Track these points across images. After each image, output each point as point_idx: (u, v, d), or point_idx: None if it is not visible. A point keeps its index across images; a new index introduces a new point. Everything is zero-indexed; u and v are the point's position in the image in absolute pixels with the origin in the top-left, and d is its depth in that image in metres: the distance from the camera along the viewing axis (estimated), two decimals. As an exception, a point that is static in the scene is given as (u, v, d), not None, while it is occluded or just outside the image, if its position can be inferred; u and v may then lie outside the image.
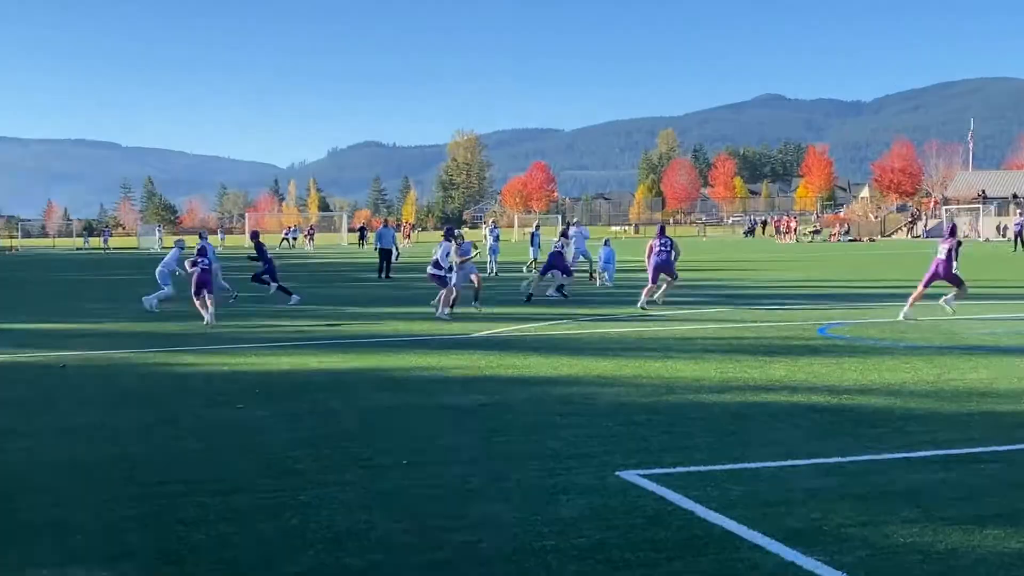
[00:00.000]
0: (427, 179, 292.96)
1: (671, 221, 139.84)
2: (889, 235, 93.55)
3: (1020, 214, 59.93)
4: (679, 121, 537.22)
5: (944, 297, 19.17)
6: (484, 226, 59.48)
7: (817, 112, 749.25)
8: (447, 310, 19.55)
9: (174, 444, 9.03)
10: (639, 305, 21.02)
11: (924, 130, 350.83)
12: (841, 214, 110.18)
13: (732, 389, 11.34)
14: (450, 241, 20.56)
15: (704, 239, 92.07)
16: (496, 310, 21.31)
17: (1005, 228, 74.48)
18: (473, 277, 21.10)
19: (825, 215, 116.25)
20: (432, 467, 7.98)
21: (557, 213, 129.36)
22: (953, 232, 19.35)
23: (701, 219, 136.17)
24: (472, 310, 20.26)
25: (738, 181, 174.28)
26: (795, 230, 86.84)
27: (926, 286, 18.74)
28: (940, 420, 9.51)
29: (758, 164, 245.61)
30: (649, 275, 21.70)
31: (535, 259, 36.70)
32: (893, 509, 6.62)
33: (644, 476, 7.55)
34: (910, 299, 18.63)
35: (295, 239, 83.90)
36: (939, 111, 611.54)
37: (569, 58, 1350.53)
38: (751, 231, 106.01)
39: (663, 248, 21.72)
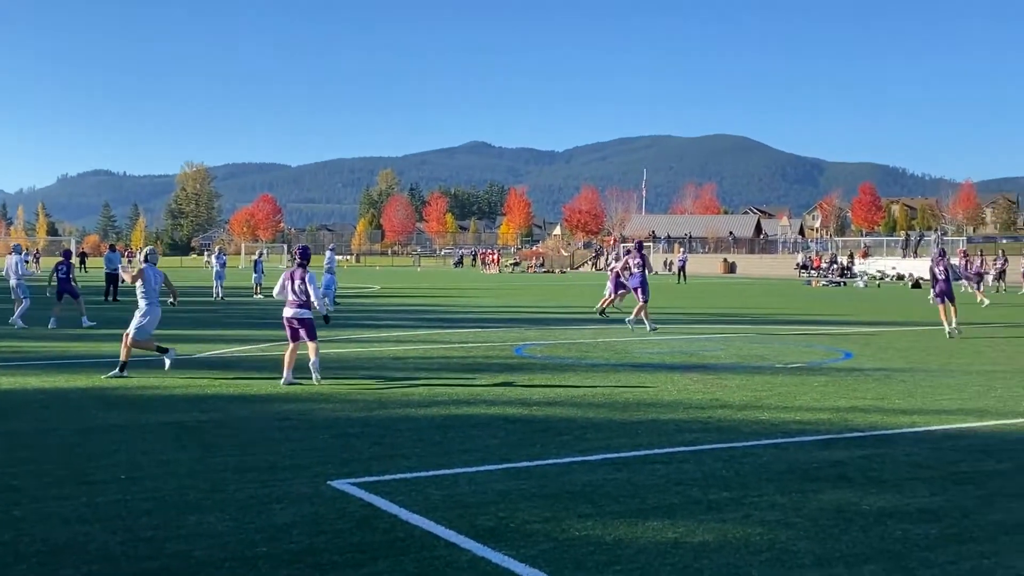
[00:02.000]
0: (157, 207, 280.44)
1: (389, 252, 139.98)
2: (577, 268, 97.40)
3: (683, 251, 63.87)
4: (398, 162, 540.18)
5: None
6: (210, 253, 57.36)
7: (518, 159, 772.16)
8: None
9: None
10: (639, 325, 21.14)
11: (607, 178, 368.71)
12: (537, 248, 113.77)
13: (438, 403, 11.42)
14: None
15: (419, 269, 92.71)
16: (227, 332, 20.60)
17: (671, 263, 79.21)
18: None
19: (524, 249, 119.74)
20: (150, 481, 7.56)
21: (283, 242, 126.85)
22: (943, 254, 21.60)
23: (416, 250, 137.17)
24: (203, 332, 19.46)
25: (450, 217, 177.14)
26: (498, 262, 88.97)
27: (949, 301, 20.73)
28: (614, 428, 9.93)
29: (467, 203, 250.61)
30: (639, 296, 21.46)
31: (259, 284, 35.89)
32: (572, 506, 6.84)
33: (354, 484, 7.46)
34: (944, 319, 20.62)
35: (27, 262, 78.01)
36: (620, 162, 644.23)
37: (296, 98, 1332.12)
38: (460, 262, 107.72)
39: (637, 268, 21.82)
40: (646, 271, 21.99)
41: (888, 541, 6.06)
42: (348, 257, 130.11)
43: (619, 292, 25.25)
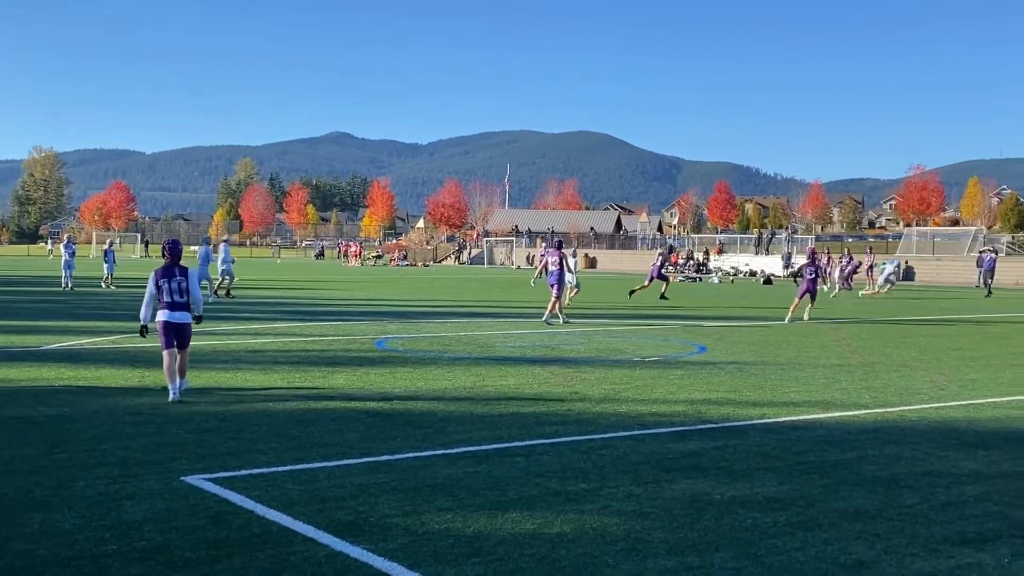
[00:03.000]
0: (3, 194, 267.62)
1: (248, 243, 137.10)
2: (440, 261, 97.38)
3: (545, 246, 64.54)
4: (258, 151, 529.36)
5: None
6: (59, 242, 54.89)
7: (381, 151, 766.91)
8: None
9: None
10: (548, 319, 21.93)
11: (471, 172, 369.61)
12: (400, 241, 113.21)
13: (297, 397, 11.26)
14: None
15: (279, 261, 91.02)
16: (76, 324, 19.82)
17: (533, 258, 79.95)
18: None
19: (387, 242, 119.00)
20: (-9, 479, 7.23)
21: (136, 231, 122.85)
22: (814, 255, 24.50)
23: (277, 242, 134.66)
24: (50, 323, 18.69)
25: (311, 209, 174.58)
26: (360, 255, 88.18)
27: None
28: (475, 421, 9.98)
29: (329, 194, 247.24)
30: (554, 292, 22.13)
31: (110, 274, 34.66)
32: (431, 500, 6.85)
33: (209, 480, 7.29)
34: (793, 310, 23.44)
35: None
36: (483, 156, 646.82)
37: (150, 84, 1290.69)
38: (321, 254, 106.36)
39: (554, 265, 22.37)
40: (564, 268, 22.71)
41: (738, 529, 6.27)
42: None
43: (654, 281, 30.67)
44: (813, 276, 23.20)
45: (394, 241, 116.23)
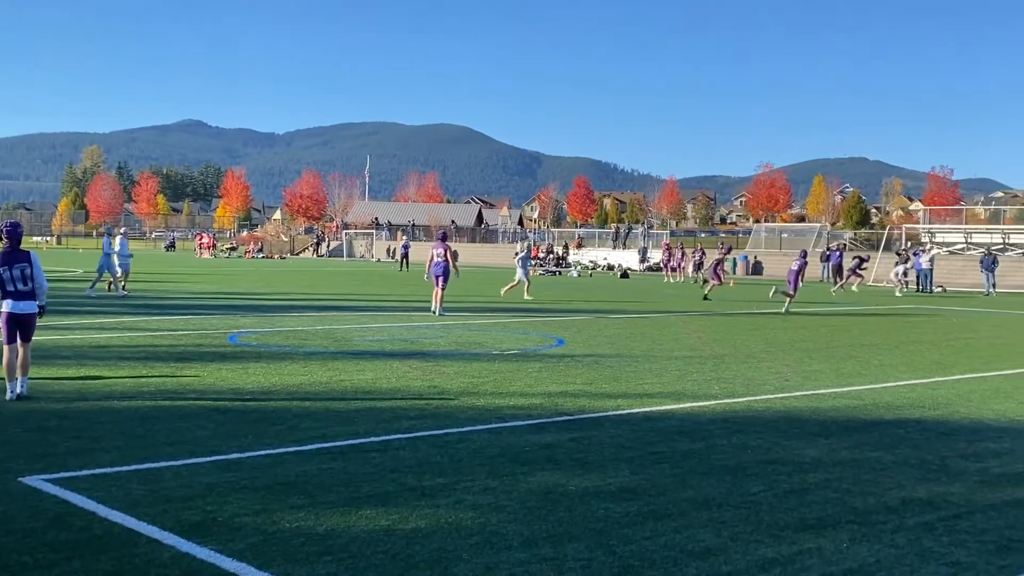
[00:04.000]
0: None
1: (95, 234, 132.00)
2: (298, 254, 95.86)
3: (405, 239, 64.26)
4: (104, 138, 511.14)
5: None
6: None
7: (236, 140, 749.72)
8: None
9: None
10: (436, 311, 22.51)
11: (330, 163, 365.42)
12: (256, 233, 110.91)
13: (144, 394, 10.91)
14: None
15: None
16: None
17: (394, 250, 79.55)
18: None
19: (241, 233, 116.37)
20: None
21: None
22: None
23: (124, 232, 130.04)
24: None
25: (161, 199, 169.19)
26: (213, 246, 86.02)
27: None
28: (331, 417, 9.86)
29: (181, 184, 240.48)
30: (439, 284, 22.92)
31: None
32: (283, 498, 6.73)
33: (48, 481, 6.99)
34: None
35: None
36: (343, 147, 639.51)
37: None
38: (172, 246, 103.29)
39: (439, 257, 23.12)
40: (449, 260, 23.37)
41: (591, 520, 6.38)
42: (48, 239, 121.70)
43: (716, 280, 32.28)
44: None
45: (249, 233, 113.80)
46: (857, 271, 41.74)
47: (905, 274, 42.37)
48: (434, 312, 22.82)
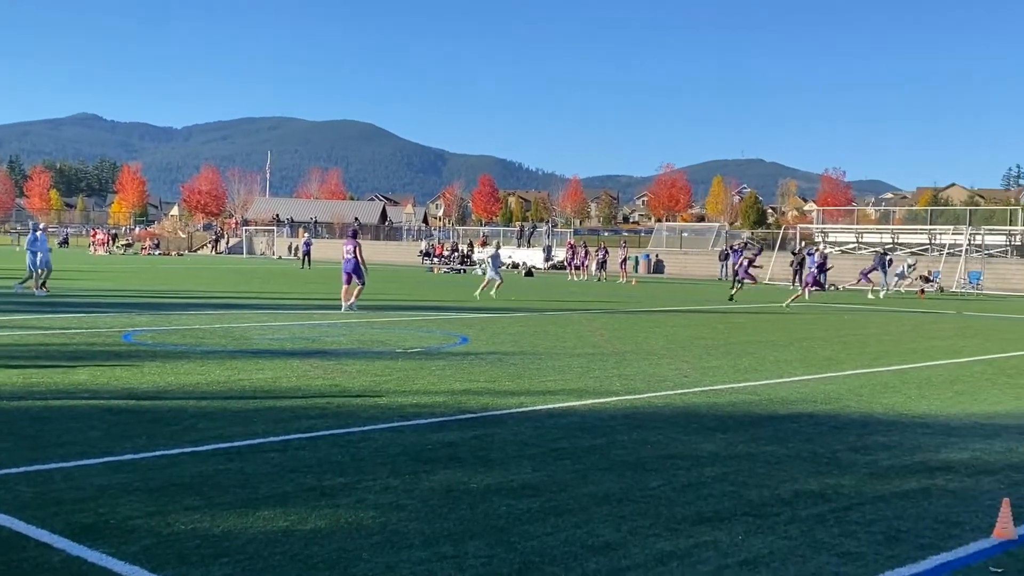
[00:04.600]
0: None
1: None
2: (196, 250, 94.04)
3: (307, 236, 63.53)
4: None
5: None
6: None
7: (132, 134, 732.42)
8: None
9: None
10: (361, 309, 22.94)
11: (229, 158, 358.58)
12: (152, 229, 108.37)
13: (34, 394, 10.56)
14: None
15: (18, 249, 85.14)
16: None
17: (296, 248, 78.54)
18: None
19: (138, 230, 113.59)
20: None
21: None
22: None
23: (16, 228, 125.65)
24: None
25: (54, 194, 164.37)
26: (108, 242, 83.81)
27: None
28: (228, 417, 9.67)
29: (75, 179, 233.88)
30: (357, 280, 23.42)
31: None
32: (178, 499, 6.58)
33: (-72, 486, 6.72)
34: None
35: None
36: (243, 142, 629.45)
37: None
38: (65, 242, 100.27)
39: (349, 254, 23.59)
40: (358, 257, 23.67)
41: (492, 517, 6.38)
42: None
43: (743, 281, 32.93)
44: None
45: (146, 229, 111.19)
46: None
47: (902, 276, 41.34)
48: (348, 308, 23.08)
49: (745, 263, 33.68)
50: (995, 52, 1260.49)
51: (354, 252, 23.70)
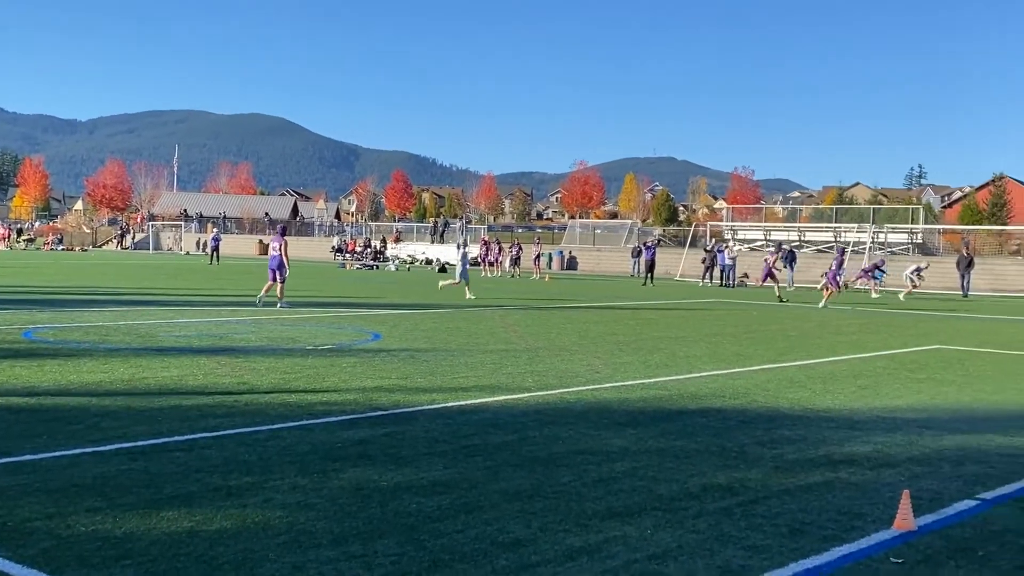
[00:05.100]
0: None
1: None
2: (101, 246, 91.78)
3: (216, 231, 62.45)
4: None
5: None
6: None
7: (35, 126, 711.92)
8: None
9: None
10: (262, 303, 22.94)
11: (136, 152, 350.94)
12: (55, 224, 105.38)
13: (-75, 394, 10.18)
14: None
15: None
16: None
17: (204, 243, 77.16)
18: None
19: (40, 224, 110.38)
20: None
21: None
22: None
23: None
24: None
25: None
26: (9, 237, 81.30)
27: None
28: (132, 416, 9.44)
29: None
30: (278, 276, 23.37)
31: None
32: (79, 500, 6.40)
33: None
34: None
35: None
36: (150, 136, 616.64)
37: None
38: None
39: (275, 251, 23.78)
40: (282, 254, 23.61)
41: (402, 515, 6.34)
42: None
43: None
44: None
45: (49, 224, 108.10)
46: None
47: (918, 273, 39.28)
48: (261, 304, 23.14)
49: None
50: (898, 57, 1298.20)
51: (279, 249, 23.78)
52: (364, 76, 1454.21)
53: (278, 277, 23.46)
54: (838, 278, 32.66)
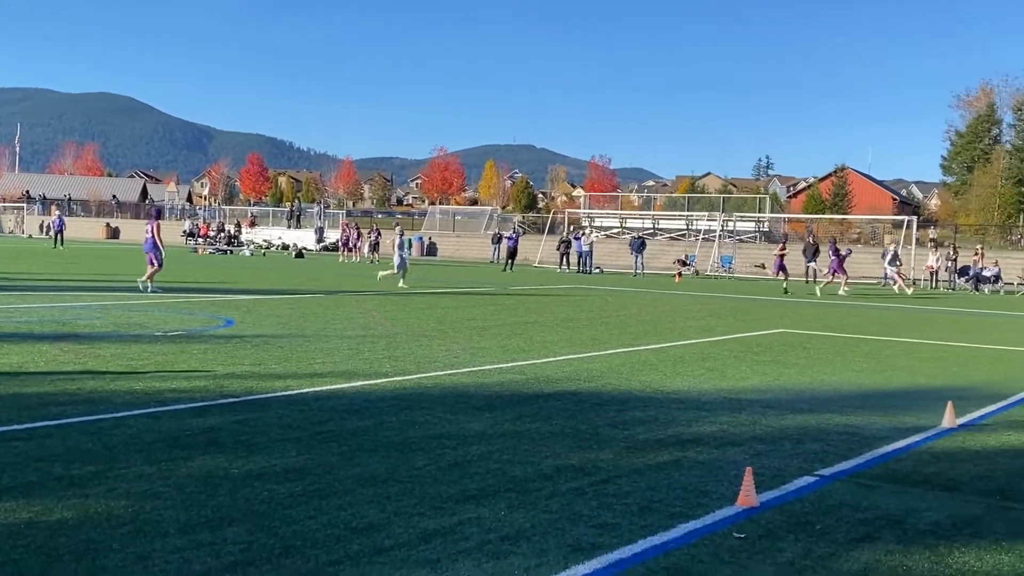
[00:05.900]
0: None
1: None
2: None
3: (59, 214, 59.87)
4: None
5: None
6: None
7: None
8: None
9: None
10: (156, 292, 22.58)
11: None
12: None
13: None
14: None
15: None
16: None
17: (48, 226, 73.93)
18: None
19: None
20: None
21: None
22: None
23: None
24: None
25: None
26: None
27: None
28: (-34, 404, 9.00)
29: None
30: (155, 260, 23.17)
31: None
32: (-94, 495, 6.07)
33: None
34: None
35: None
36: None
37: None
38: None
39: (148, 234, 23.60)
40: (155, 237, 23.35)
41: (254, 502, 6.23)
42: None
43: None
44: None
45: None
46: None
47: (897, 263, 39.47)
48: (145, 289, 22.90)
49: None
50: (746, 56, 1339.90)
51: (151, 232, 23.53)
52: (219, 56, 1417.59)
53: (155, 260, 23.27)
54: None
